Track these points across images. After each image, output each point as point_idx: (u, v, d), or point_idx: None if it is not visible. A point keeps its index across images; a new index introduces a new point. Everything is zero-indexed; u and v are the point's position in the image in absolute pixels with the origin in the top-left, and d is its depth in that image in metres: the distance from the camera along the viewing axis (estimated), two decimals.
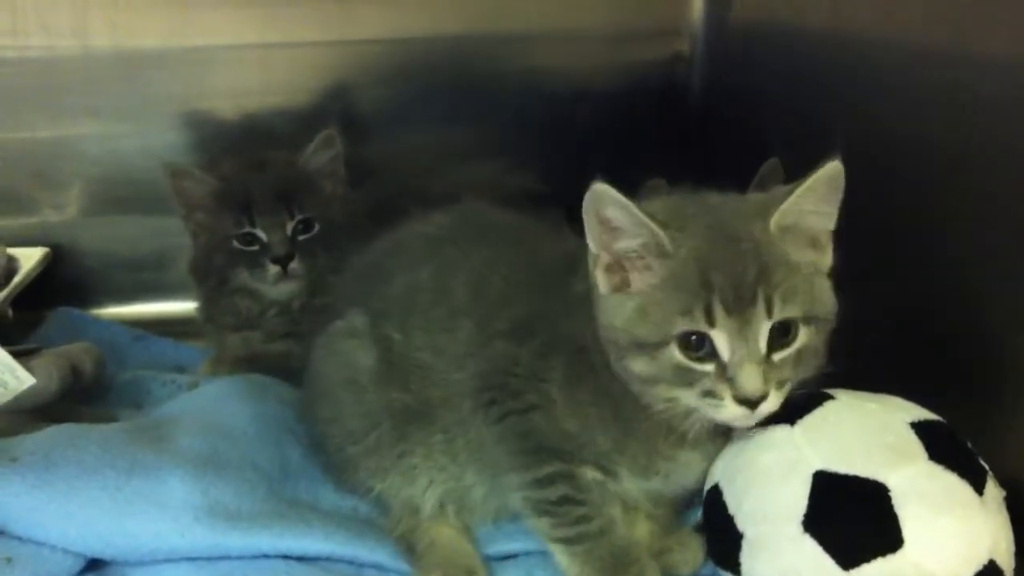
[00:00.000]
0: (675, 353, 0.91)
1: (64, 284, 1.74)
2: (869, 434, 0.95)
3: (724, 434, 1.02)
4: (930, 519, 0.89)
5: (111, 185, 1.73)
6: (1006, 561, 0.92)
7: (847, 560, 0.89)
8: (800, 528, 0.91)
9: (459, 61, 1.75)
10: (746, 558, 0.96)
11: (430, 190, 1.66)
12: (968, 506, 0.91)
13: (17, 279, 1.60)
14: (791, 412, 0.97)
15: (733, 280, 0.89)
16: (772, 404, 0.91)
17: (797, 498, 0.92)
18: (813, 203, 0.93)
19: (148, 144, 1.70)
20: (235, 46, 1.69)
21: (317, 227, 1.49)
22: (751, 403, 0.90)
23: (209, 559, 1.11)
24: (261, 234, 1.46)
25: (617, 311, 0.95)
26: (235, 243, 1.47)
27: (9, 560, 1.08)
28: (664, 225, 0.91)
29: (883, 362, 1.17)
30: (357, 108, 1.73)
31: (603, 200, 0.91)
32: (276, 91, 1.71)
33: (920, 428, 0.95)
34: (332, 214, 1.51)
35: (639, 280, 0.94)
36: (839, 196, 0.94)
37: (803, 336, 0.92)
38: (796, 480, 0.92)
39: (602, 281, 0.96)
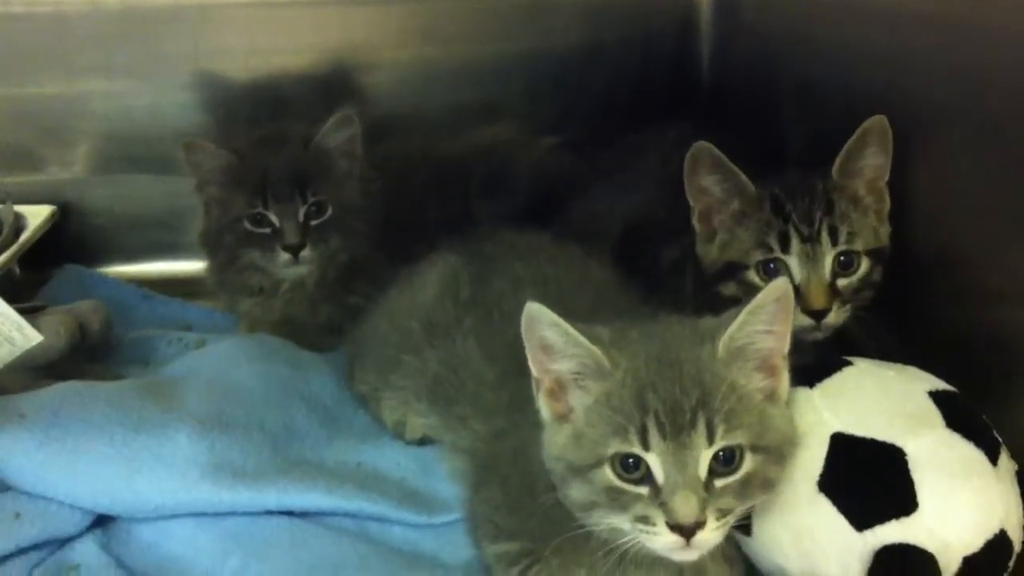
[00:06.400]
0: (608, 474, 0.88)
1: (72, 242, 1.73)
2: (889, 400, 0.95)
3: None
4: (946, 486, 0.89)
5: (120, 143, 1.71)
6: (1016, 533, 0.92)
7: (861, 521, 0.89)
8: (815, 488, 0.91)
9: (470, 24, 1.73)
10: (758, 517, 0.96)
11: (440, 153, 1.66)
12: (983, 475, 0.91)
13: (25, 236, 1.59)
14: (810, 375, 0.98)
15: (671, 403, 0.86)
16: (710, 535, 0.86)
17: (813, 459, 0.92)
18: (764, 323, 0.89)
19: (157, 102, 1.68)
20: (246, 4, 1.67)
21: (330, 211, 1.46)
22: (685, 531, 0.84)
23: (214, 515, 1.12)
24: (274, 218, 1.43)
25: (554, 440, 0.92)
26: (246, 223, 1.44)
27: (18, 515, 1.09)
28: (603, 345, 0.89)
29: (895, 333, 1.17)
30: (367, 69, 1.71)
31: (538, 320, 0.88)
32: (287, 50, 1.69)
33: (938, 397, 0.95)
34: (346, 196, 1.47)
35: (577, 402, 0.91)
36: (790, 316, 0.90)
37: (749, 464, 0.87)
38: (813, 441, 0.93)
39: (544, 407, 0.93)
